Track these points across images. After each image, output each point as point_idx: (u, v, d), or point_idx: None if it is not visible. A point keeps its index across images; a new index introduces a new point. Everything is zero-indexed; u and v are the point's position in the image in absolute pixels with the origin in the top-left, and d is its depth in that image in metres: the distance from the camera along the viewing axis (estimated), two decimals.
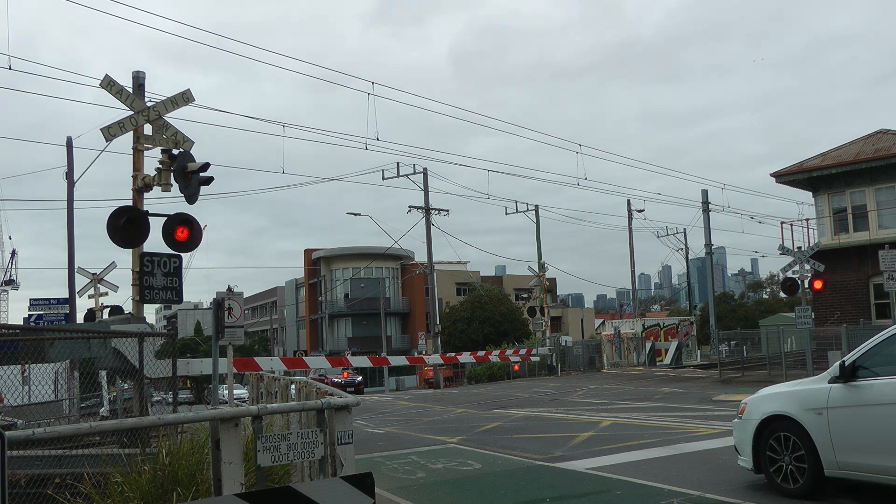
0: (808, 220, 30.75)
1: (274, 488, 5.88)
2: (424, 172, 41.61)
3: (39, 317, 28.43)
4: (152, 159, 11.80)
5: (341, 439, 5.82)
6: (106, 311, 25.15)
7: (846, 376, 7.78)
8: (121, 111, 13.20)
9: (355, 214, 67.77)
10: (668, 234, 53.15)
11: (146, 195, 11.58)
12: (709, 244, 47.34)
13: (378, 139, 38.49)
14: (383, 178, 40.47)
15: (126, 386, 18.14)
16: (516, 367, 40.05)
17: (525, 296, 69.69)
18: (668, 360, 39.48)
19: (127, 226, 10.93)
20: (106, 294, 27.79)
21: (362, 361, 19.48)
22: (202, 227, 11.62)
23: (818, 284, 26.47)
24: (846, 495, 8.13)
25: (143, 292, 10.71)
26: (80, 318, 26.56)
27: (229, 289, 13.66)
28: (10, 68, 17.29)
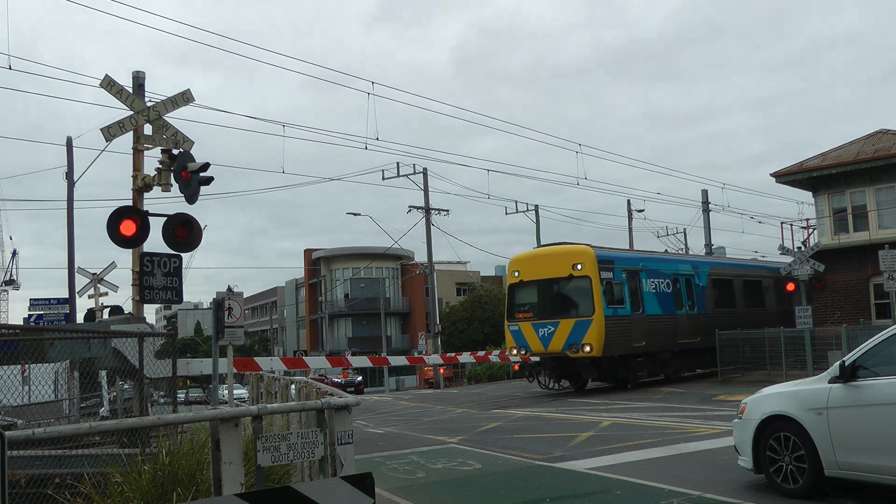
0: (808, 220, 30.80)
1: (274, 488, 5.87)
2: (424, 172, 41.60)
3: (39, 317, 28.42)
4: (152, 159, 11.81)
5: (341, 439, 5.82)
6: (106, 311, 25.14)
7: (846, 376, 7.79)
8: (121, 111, 13.22)
9: (355, 214, 67.81)
10: (668, 234, 53.12)
11: (146, 195, 11.57)
12: (709, 244, 47.31)
13: (378, 139, 38.53)
14: (383, 178, 40.48)
15: (126, 386, 18.14)
16: (516, 367, 40.00)
17: None
18: None
19: (127, 226, 10.92)
20: (106, 294, 27.80)
21: (362, 361, 19.45)
22: (202, 227, 11.62)
23: (818, 284, 26.61)
24: (846, 495, 8.13)
25: (143, 292, 10.70)
26: (80, 318, 26.55)
27: (229, 289, 13.67)
28: (10, 68, 17.28)
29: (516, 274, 25.24)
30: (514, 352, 24.63)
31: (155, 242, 11.42)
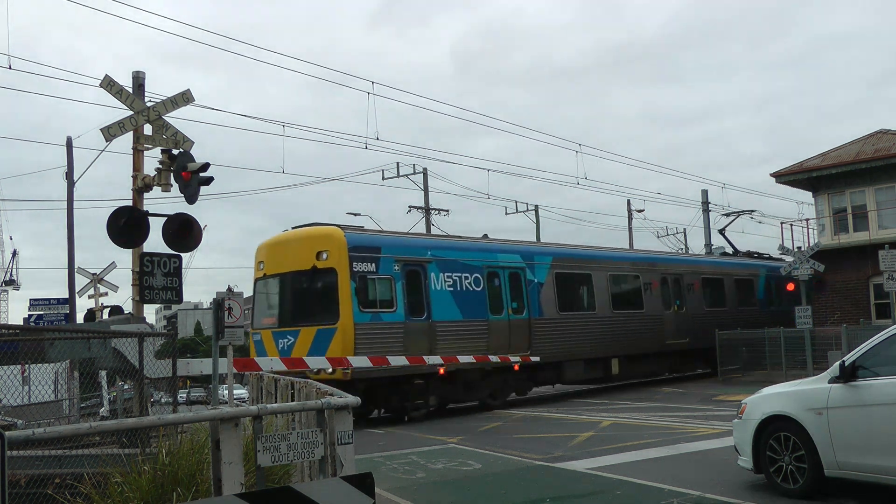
0: (808, 220, 30.77)
1: (274, 488, 5.88)
2: (424, 172, 41.57)
3: (39, 317, 28.43)
4: (152, 159, 11.82)
5: (341, 439, 5.82)
6: (106, 311, 25.14)
7: (846, 376, 7.79)
8: (121, 111, 13.20)
9: (355, 214, 67.69)
10: (667, 234, 53.10)
11: (146, 195, 11.58)
12: (709, 244, 47.27)
13: (378, 139, 38.39)
14: (383, 178, 40.39)
15: (126, 386, 18.13)
16: (516, 368, 39.98)
17: None
18: None
19: (127, 226, 10.93)
20: (106, 294, 27.80)
21: (362, 361, 19.35)
22: (202, 227, 11.63)
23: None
24: (846, 495, 8.13)
25: (143, 292, 10.71)
26: (80, 318, 26.55)
27: (229, 289, 13.64)
28: (10, 68, 17.28)
29: (261, 266, 19.48)
30: None
31: (155, 242, 11.43)
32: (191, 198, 11.23)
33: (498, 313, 20.56)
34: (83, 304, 30.09)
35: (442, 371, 19.03)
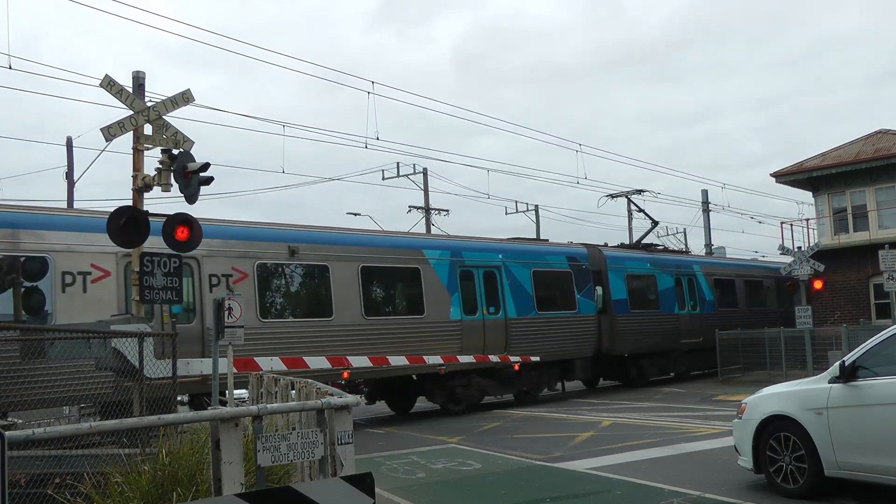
0: (808, 220, 30.75)
1: (274, 488, 5.88)
2: (424, 172, 41.54)
3: None
4: (152, 159, 11.79)
5: (341, 439, 5.82)
6: None
7: (846, 376, 7.79)
8: (121, 111, 13.19)
9: (355, 214, 67.63)
10: (668, 234, 53.07)
11: (146, 195, 11.57)
12: (709, 244, 47.29)
13: (378, 138, 38.27)
14: (383, 178, 40.38)
15: None
16: (516, 368, 39.94)
17: None
18: None
19: (127, 226, 10.92)
20: None
21: (362, 361, 19.39)
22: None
23: (818, 284, 26.46)
24: (846, 495, 8.13)
25: (143, 292, 10.70)
26: None
27: (229, 289, 13.68)
28: (10, 68, 17.25)
29: None
30: None
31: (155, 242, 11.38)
32: (191, 198, 11.22)
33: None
34: None
35: (441, 370, 19.67)
